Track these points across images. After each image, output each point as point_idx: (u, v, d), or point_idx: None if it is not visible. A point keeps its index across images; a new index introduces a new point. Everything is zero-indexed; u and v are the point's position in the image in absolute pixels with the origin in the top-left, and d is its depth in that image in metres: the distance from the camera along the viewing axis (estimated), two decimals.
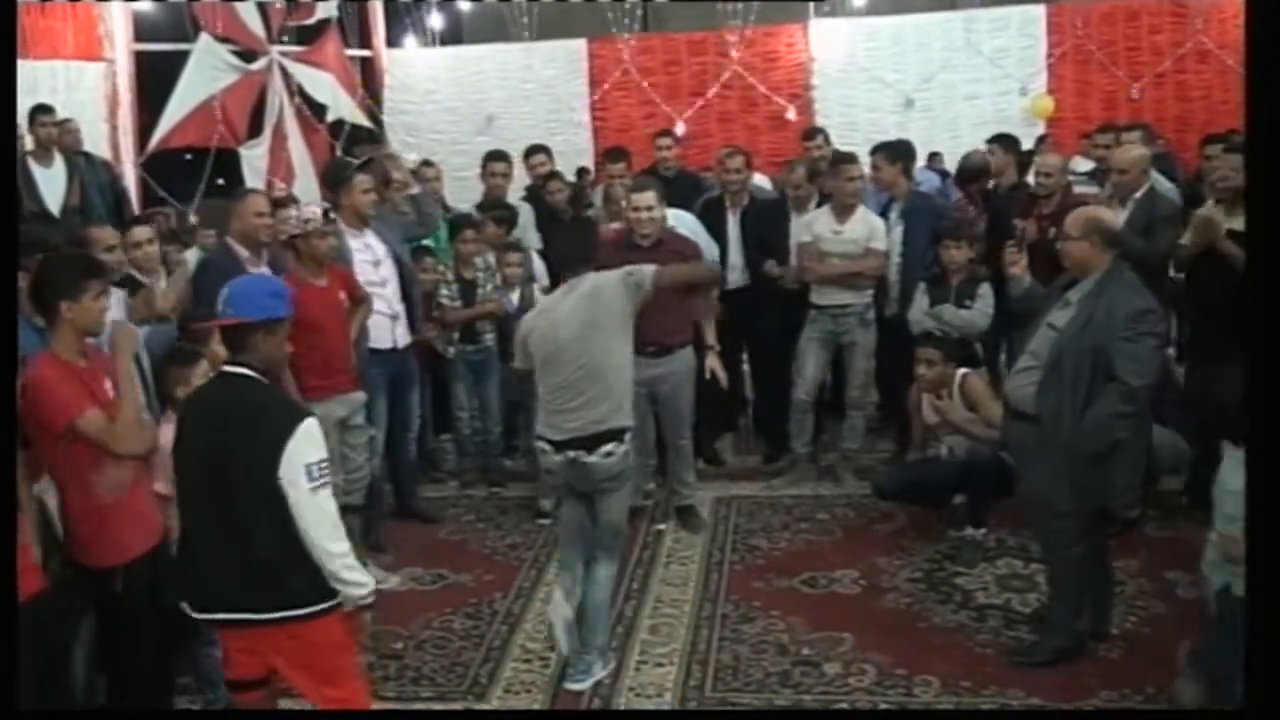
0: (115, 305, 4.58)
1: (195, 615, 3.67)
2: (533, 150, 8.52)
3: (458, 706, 4.76)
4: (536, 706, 4.73)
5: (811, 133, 8.27)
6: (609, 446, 4.72)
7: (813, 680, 4.79)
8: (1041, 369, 4.61)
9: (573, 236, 5.21)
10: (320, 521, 3.48)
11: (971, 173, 7.93)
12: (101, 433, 3.90)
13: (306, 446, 3.46)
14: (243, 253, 5.67)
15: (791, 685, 4.76)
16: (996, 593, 5.50)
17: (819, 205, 7.02)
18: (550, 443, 4.78)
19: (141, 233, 5.59)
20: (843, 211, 6.71)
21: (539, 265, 7.53)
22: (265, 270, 5.75)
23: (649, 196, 6.06)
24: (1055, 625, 4.87)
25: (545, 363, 4.78)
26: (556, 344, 4.73)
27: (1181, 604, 5.23)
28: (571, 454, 4.73)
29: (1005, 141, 8.05)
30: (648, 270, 4.96)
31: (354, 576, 3.58)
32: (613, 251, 5.73)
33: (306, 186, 10.32)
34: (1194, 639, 4.72)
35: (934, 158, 10.93)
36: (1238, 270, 5.48)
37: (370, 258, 6.22)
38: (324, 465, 3.51)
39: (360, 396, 5.83)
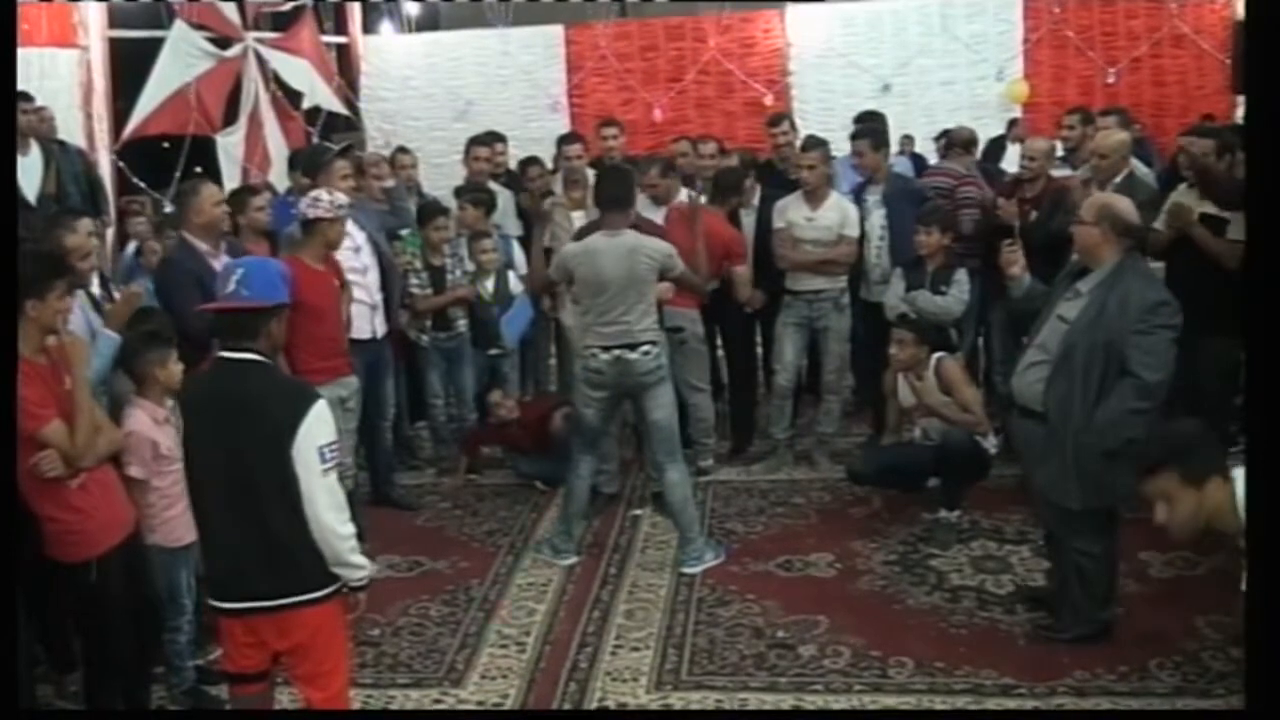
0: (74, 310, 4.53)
1: (217, 605, 3.61)
2: (495, 139, 8.51)
3: (434, 693, 4.76)
4: (513, 693, 4.74)
5: (777, 119, 8.26)
6: (645, 347, 5.64)
7: (788, 663, 4.81)
8: (1051, 362, 4.53)
9: (615, 180, 5.91)
10: (329, 504, 3.47)
11: (962, 145, 7.94)
12: (63, 445, 3.91)
13: (318, 428, 3.44)
14: (202, 246, 5.58)
15: (767, 668, 4.79)
16: (971, 574, 5.53)
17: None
18: (600, 347, 5.65)
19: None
20: (815, 198, 6.72)
21: (518, 253, 7.53)
22: (226, 261, 5.70)
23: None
24: (1078, 614, 4.77)
25: (592, 291, 5.66)
26: (600, 280, 5.61)
27: (1155, 584, 5.28)
28: (617, 352, 5.62)
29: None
30: (680, 264, 5.78)
31: (357, 560, 3.58)
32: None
33: (283, 174, 10.25)
34: (1170, 620, 4.80)
35: (906, 141, 10.94)
36: (1210, 254, 5.54)
37: (350, 244, 6.20)
38: (335, 447, 3.50)
39: (354, 380, 5.86)
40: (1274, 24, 3.12)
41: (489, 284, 7.15)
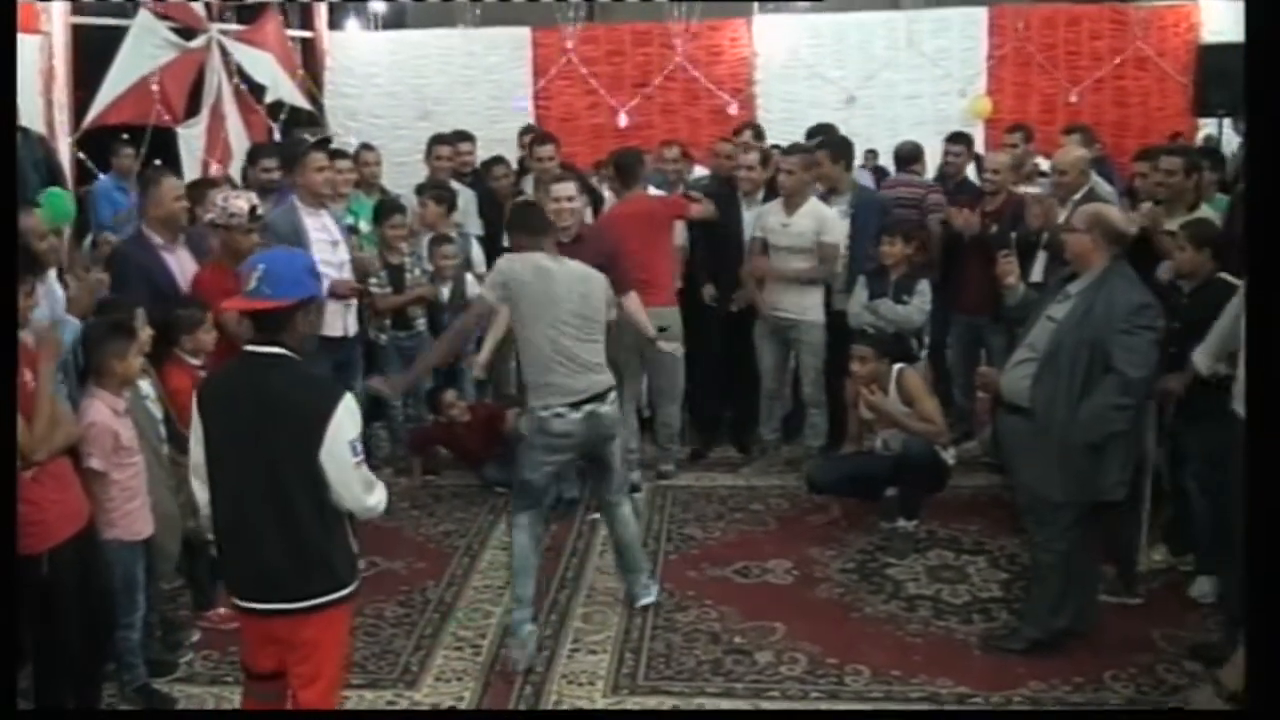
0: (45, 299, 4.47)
1: (243, 605, 3.54)
2: (461, 138, 8.47)
3: (388, 694, 4.73)
4: (467, 695, 4.72)
5: (741, 128, 8.32)
6: (610, 395, 5.13)
7: (744, 669, 4.82)
8: (1039, 360, 4.65)
9: (529, 213, 5.43)
10: (365, 490, 3.45)
11: (907, 157, 8.03)
12: (21, 439, 3.84)
13: (348, 423, 3.39)
14: (156, 239, 5.49)
15: (723, 674, 4.79)
16: (927, 583, 5.56)
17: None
18: (567, 405, 4.99)
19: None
20: (791, 204, 6.71)
21: (478, 252, 7.49)
22: (184, 254, 5.60)
23: (569, 187, 5.96)
24: (1031, 617, 4.92)
25: (545, 320, 4.96)
26: (554, 301, 4.97)
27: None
28: (589, 408, 5.01)
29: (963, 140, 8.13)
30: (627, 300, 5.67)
31: (375, 500, 3.54)
32: None
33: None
34: (1125, 632, 4.85)
35: (870, 155, 10.98)
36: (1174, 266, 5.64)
37: (328, 238, 6.16)
38: (361, 441, 3.48)
39: None
40: (1273, 32, 3.15)
41: (445, 290, 7.09)
